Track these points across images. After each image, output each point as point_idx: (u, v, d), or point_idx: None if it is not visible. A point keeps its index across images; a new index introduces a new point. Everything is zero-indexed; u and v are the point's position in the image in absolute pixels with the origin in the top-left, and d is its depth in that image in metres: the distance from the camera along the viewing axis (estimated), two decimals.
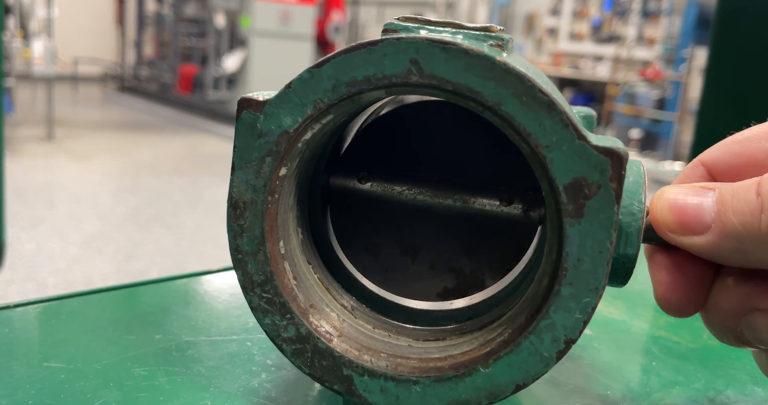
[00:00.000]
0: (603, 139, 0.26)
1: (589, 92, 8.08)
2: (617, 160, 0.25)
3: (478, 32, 0.28)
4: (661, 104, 6.10)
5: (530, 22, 9.11)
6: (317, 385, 0.34)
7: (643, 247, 0.30)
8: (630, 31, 7.85)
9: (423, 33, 0.28)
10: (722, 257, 0.27)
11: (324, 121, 0.28)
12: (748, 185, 0.26)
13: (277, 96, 0.28)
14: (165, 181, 4.26)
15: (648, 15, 7.76)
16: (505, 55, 0.27)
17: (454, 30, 0.28)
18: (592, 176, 0.25)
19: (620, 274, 0.29)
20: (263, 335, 0.39)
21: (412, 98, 0.36)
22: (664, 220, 0.28)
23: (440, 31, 0.28)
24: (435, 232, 0.38)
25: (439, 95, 0.27)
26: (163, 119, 6.81)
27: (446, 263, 0.38)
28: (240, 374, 0.35)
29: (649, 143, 6.06)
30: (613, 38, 8.07)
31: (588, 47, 8.44)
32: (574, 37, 8.66)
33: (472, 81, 0.26)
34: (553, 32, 8.90)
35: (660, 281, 0.30)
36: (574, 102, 7.73)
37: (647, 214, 0.30)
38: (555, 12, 8.83)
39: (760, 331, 0.27)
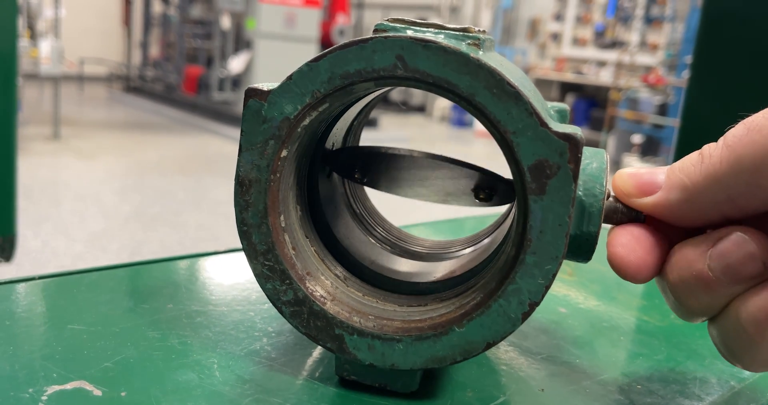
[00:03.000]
0: (563, 126, 0.30)
1: (591, 97, 8.11)
2: (575, 144, 0.29)
3: (457, 33, 0.32)
4: (663, 110, 6.12)
5: (534, 27, 9.15)
6: (313, 349, 0.38)
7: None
8: (633, 36, 7.89)
9: (409, 33, 0.32)
10: (672, 209, 0.31)
11: (321, 109, 0.32)
12: (693, 152, 0.31)
13: (280, 86, 0.32)
14: (169, 180, 4.31)
15: (651, 21, 7.79)
16: (480, 52, 0.31)
17: (436, 30, 0.32)
18: (552, 158, 0.29)
19: (583, 250, 0.33)
20: (265, 306, 0.43)
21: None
22: (624, 185, 0.33)
23: (424, 31, 0.32)
24: None
25: (422, 87, 0.31)
26: (168, 119, 6.87)
27: None
28: (244, 338, 0.39)
29: (651, 148, 6.09)
30: (616, 44, 8.10)
31: (591, 52, 8.48)
32: (578, 42, 8.70)
33: (450, 75, 0.30)
34: (556, 37, 8.94)
35: (620, 243, 0.31)
36: (576, 106, 7.77)
37: (608, 196, 0.34)
38: (558, 17, 8.87)
39: (731, 253, 0.28)
